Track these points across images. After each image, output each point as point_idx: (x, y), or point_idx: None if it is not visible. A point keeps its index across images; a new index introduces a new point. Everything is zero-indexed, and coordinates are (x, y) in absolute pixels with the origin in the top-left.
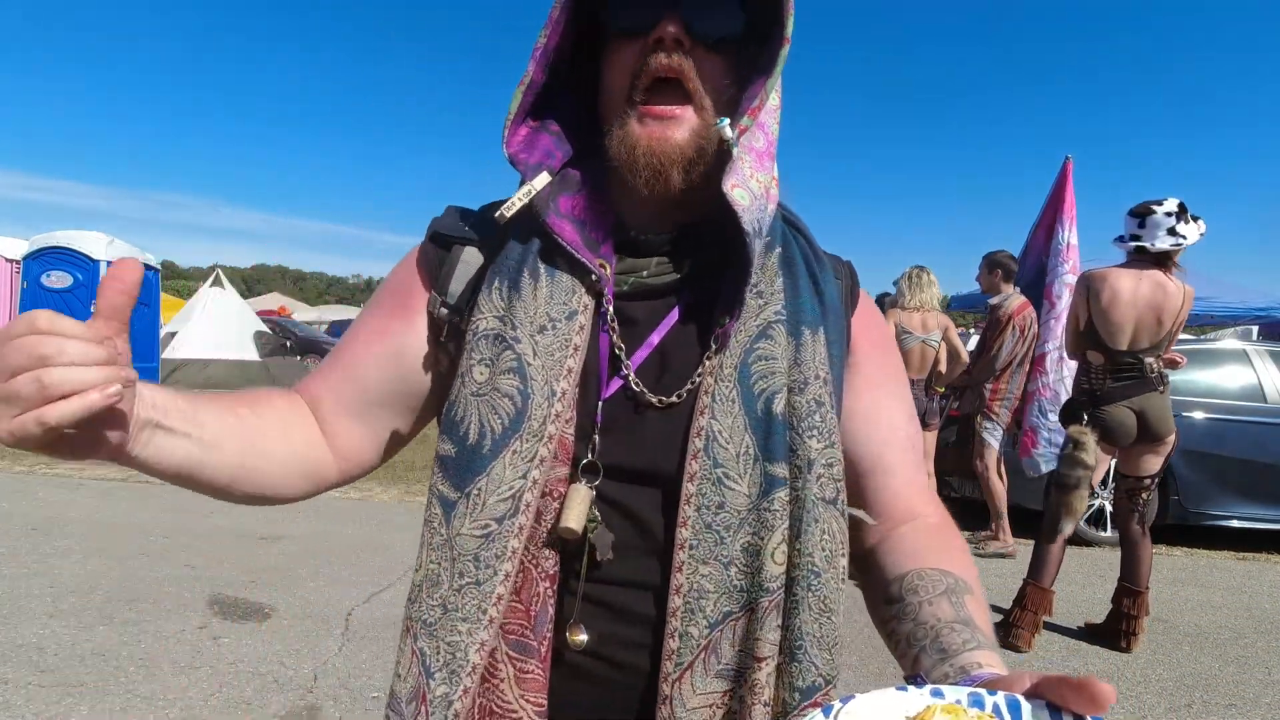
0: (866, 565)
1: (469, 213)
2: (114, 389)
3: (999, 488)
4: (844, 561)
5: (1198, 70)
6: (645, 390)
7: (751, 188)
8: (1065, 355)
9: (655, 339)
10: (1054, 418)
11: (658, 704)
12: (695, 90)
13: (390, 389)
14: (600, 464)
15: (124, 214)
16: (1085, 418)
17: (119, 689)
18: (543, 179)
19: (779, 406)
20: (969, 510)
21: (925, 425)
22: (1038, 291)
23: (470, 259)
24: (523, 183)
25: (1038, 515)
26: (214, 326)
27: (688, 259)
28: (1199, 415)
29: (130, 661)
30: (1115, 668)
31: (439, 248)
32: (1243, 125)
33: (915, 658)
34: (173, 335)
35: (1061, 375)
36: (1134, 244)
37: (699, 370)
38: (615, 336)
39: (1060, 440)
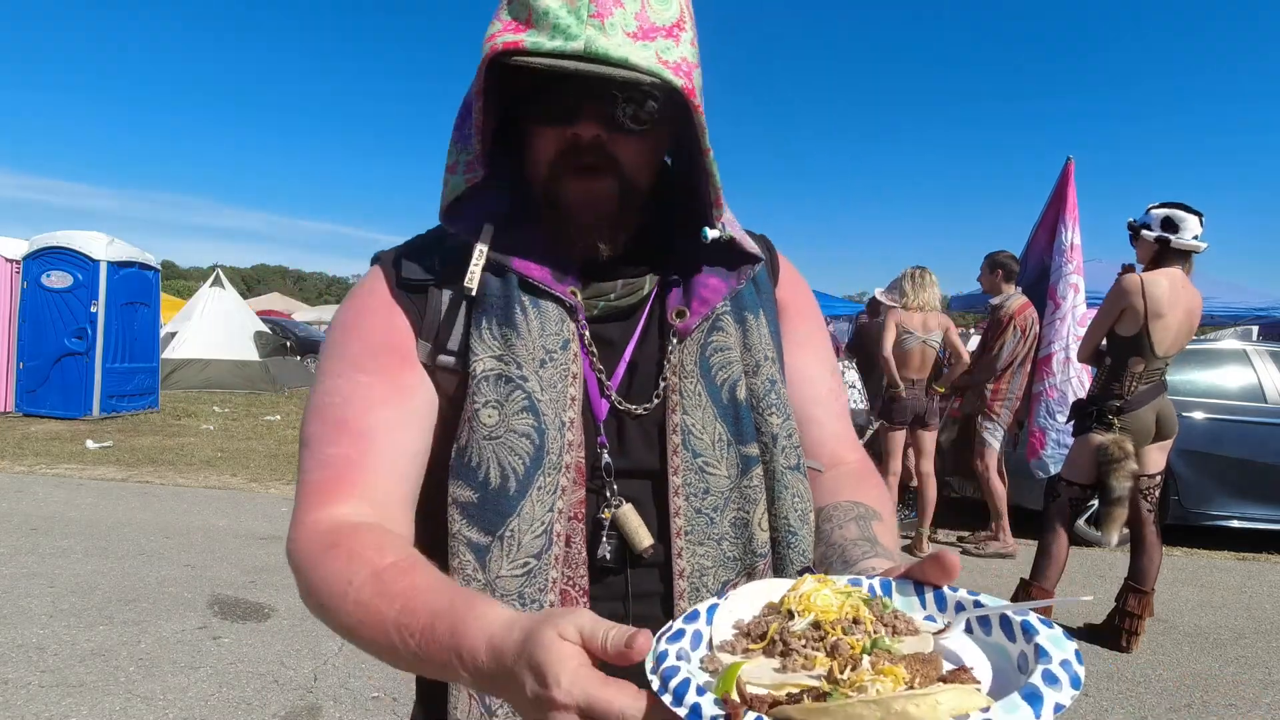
0: None
1: (423, 251)
2: None
3: (999, 488)
4: (813, 516)
5: (1199, 70)
6: (628, 405)
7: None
8: (1071, 356)
9: (628, 354)
10: (1062, 419)
11: None
12: (616, 165)
13: (423, 452)
14: (610, 479)
15: (124, 214)
16: (1117, 425)
17: (119, 689)
18: (487, 233)
19: (741, 393)
20: (969, 510)
21: (925, 425)
22: (1039, 292)
23: (450, 301)
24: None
25: (1038, 516)
26: (214, 326)
27: (646, 267)
28: (1199, 415)
29: (130, 661)
30: (1115, 668)
31: (413, 293)
32: (1243, 124)
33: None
34: (173, 335)
35: (1068, 376)
36: (1165, 235)
37: (662, 372)
38: (595, 360)
39: (1068, 441)
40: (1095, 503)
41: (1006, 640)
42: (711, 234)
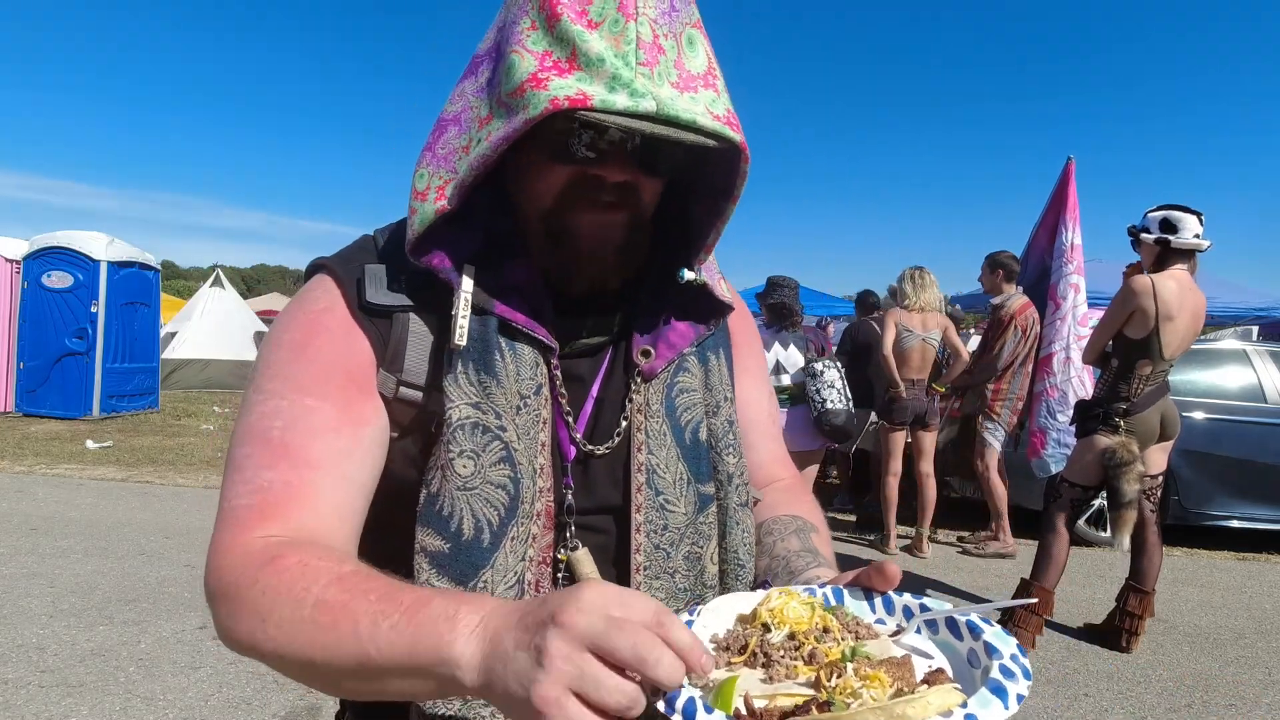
0: None
1: (387, 269)
2: None
3: (1000, 488)
4: (755, 546)
5: (1200, 71)
6: (592, 446)
7: (715, 273)
8: (1072, 356)
9: (595, 391)
10: (1063, 419)
11: None
12: (637, 203)
13: (369, 486)
14: (570, 520)
15: (124, 214)
16: (1123, 428)
17: (119, 689)
18: (469, 274)
19: (703, 434)
20: (969, 510)
21: (925, 425)
22: (1040, 292)
23: (420, 331)
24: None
25: (1038, 516)
26: (214, 326)
27: (615, 304)
28: (1199, 415)
29: (130, 661)
30: (1115, 668)
31: (376, 318)
32: (1243, 125)
33: (769, 584)
34: (173, 335)
35: (1069, 376)
36: (1165, 236)
37: (625, 411)
38: (564, 403)
39: (1069, 441)
40: (1095, 503)
41: (954, 639)
42: (689, 275)
